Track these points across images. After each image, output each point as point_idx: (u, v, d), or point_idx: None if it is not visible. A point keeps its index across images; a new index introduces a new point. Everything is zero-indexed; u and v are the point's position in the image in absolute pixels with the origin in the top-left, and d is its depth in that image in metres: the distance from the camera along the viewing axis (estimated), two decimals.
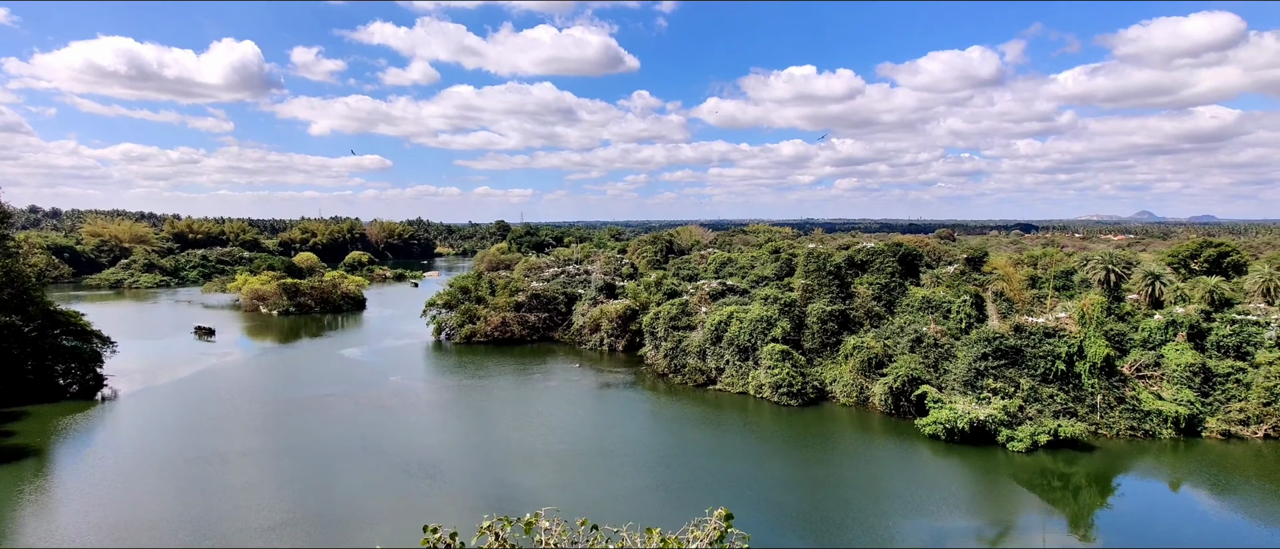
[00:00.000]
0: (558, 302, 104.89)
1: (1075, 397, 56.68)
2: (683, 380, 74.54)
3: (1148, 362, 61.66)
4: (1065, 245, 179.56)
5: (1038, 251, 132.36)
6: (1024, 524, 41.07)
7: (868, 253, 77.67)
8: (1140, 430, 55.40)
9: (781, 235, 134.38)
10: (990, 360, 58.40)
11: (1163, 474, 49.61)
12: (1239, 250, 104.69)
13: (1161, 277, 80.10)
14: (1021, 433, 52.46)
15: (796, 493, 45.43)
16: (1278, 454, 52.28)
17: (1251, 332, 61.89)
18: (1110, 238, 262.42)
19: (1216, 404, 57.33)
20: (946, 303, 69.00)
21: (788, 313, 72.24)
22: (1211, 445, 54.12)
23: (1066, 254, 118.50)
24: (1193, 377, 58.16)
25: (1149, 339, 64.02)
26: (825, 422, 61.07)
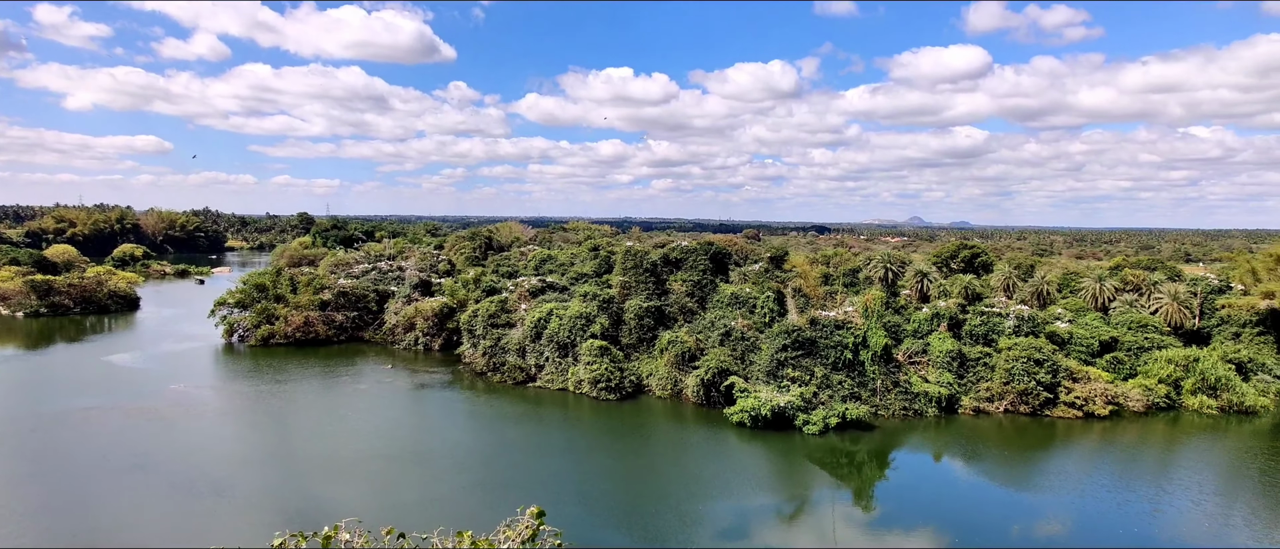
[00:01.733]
0: (369, 299, 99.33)
1: (860, 382, 63.09)
2: (502, 378, 73.62)
3: (917, 349, 69.97)
4: (853, 246, 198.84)
5: (830, 252, 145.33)
6: (817, 498, 45.09)
7: (682, 251, 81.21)
8: (911, 410, 62.82)
9: (601, 233, 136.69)
10: (790, 351, 63.41)
11: (928, 447, 56.61)
12: (987, 252, 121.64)
13: (928, 275, 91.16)
14: (815, 417, 57.54)
15: (614, 484, 46.60)
16: (1014, 425, 61.57)
17: (996, 322, 72.30)
18: (888, 240, 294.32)
19: (969, 385, 66.38)
20: (752, 299, 73.88)
21: (606, 309, 73.73)
22: (966, 420, 62.59)
23: (853, 254, 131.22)
24: (952, 361, 66.86)
25: (918, 329, 72.63)
26: (642, 414, 63.11)
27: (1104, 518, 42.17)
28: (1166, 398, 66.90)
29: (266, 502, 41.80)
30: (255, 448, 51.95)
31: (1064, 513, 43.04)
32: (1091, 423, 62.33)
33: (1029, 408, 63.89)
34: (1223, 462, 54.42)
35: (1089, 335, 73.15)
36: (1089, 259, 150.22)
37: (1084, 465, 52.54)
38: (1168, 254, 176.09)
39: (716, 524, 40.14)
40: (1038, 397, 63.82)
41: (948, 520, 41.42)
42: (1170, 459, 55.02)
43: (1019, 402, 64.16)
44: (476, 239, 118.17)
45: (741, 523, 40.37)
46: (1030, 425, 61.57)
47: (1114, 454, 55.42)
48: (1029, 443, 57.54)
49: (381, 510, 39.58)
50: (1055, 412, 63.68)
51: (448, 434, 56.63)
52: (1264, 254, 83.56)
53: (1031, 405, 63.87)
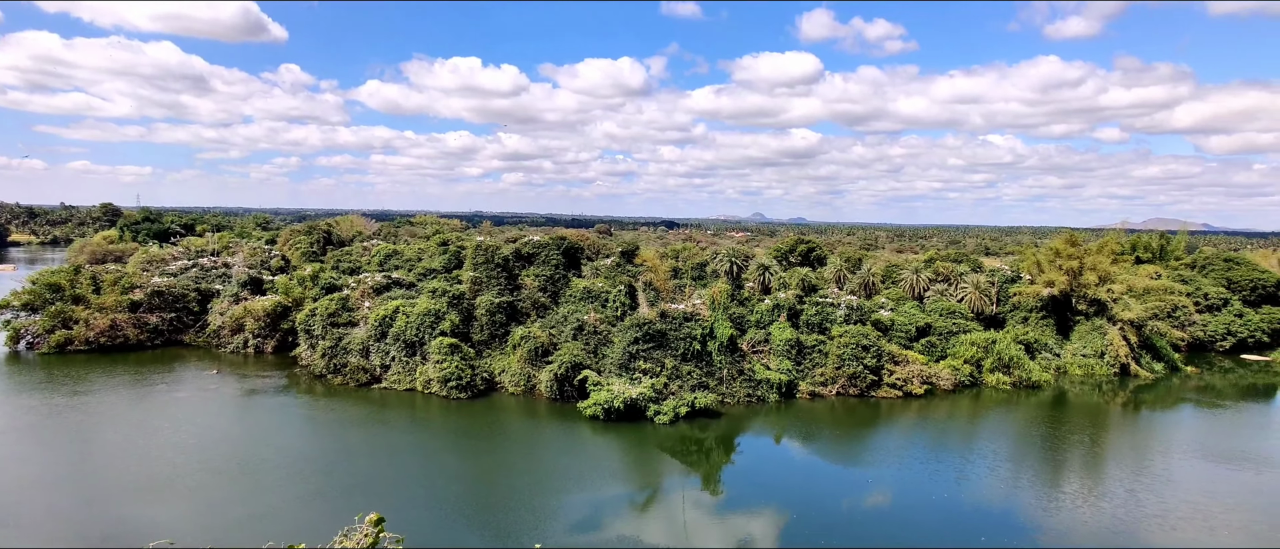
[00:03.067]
0: (189, 299, 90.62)
1: (707, 372, 65.71)
2: (344, 380, 69.80)
3: (760, 339, 73.87)
4: (700, 241, 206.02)
5: (679, 246, 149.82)
6: (668, 486, 46.55)
7: (534, 246, 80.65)
8: (755, 396, 66.30)
9: (450, 227, 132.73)
10: (641, 344, 64.86)
11: (769, 431, 60.02)
12: (822, 247, 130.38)
13: (770, 268, 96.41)
14: (666, 407, 59.30)
15: (465, 484, 45.64)
16: (845, 406, 66.65)
17: (829, 311, 77.79)
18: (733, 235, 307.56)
19: (806, 371, 71.03)
20: (605, 293, 74.78)
21: (457, 306, 71.85)
22: (803, 404, 66.95)
23: (701, 249, 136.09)
24: (791, 349, 71.21)
25: (761, 320, 76.68)
26: (494, 412, 62.18)
27: (918, 486, 46.71)
28: (970, 376, 75.04)
29: (61, 528, 37.14)
30: (48, 469, 45.93)
31: (886, 484, 47.23)
32: (909, 401, 68.71)
33: (857, 390, 69.41)
34: (1014, 431, 61.89)
35: (908, 322, 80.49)
36: (907, 253, 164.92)
37: (902, 440, 57.86)
38: (971, 248, 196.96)
39: (569, 517, 40.42)
40: (865, 379, 69.46)
41: (787, 498, 44.21)
42: (973, 431, 61.82)
43: (849, 385, 69.52)
44: (314, 233, 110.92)
45: (595, 514, 40.91)
46: (858, 406, 66.89)
47: (927, 429, 61.44)
48: (857, 422, 62.50)
49: (202, 529, 36.39)
50: (879, 392, 69.60)
51: (282, 442, 52.91)
52: (1046, 248, 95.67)
53: (860, 387, 69.43)
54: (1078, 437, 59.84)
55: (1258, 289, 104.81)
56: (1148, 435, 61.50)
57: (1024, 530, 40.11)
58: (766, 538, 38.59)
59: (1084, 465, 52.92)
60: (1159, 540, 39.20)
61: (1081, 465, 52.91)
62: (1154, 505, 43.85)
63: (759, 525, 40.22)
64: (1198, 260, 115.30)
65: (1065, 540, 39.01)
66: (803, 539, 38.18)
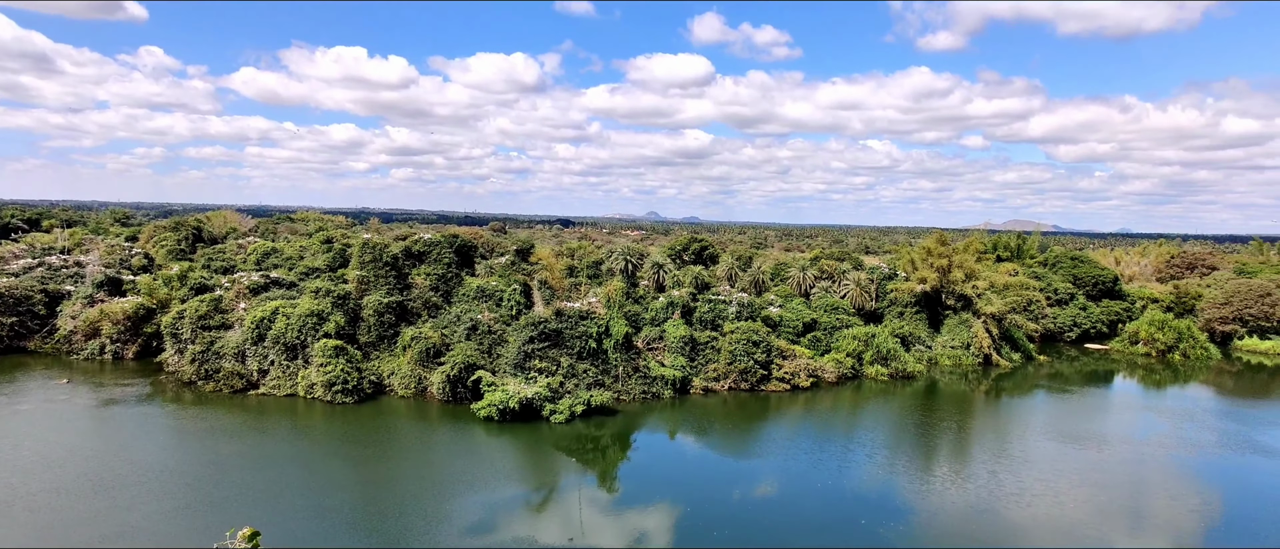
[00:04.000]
0: (34, 302, 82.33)
1: (603, 370, 66.03)
2: (217, 387, 65.45)
3: (655, 336, 74.92)
4: (596, 239, 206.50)
5: (575, 244, 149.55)
6: (564, 485, 46.47)
7: (425, 244, 78.39)
8: (650, 393, 67.21)
9: (335, 224, 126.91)
10: (537, 343, 64.38)
11: (664, 427, 61.02)
12: (714, 246, 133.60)
13: (664, 266, 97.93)
14: (562, 406, 59.15)
15: (352, 492, 43.84)
16: (736, 401, 68.68)
17: (721, 308, 79.87)
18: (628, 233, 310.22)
19: (699, 366, 72.66)
20: (499, 291, 73.68)
21: (342, 306, 68.85)
22: (696, 399, 68.47)
23: (596, 247, 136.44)
24: (685, 346, 72.64)
25: (655, 317, 77.77)
26: (383, 416, 60.04)
27: (803, 476, 48.82)
28: (852, 369, 79.06)
29: None
30: None
31: (774, 474, 49.08)
32: (797, 394, 71.64)
33: (748, 385, 71.67)
34: (890, 419, 65.74)
35: (795, 318, 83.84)
36: (795, 251, 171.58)
37: (790, 432, 60.27)
38: (853, 247, 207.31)
39: (463, 520, 39.64)
40: (755, 374, 71.81)
41: (681, 493, 45.13)
42: (854, 421, 65.20)
43: (740, 380, 71.67)
44: (182, 230, 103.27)
45: (489, 516, 40.31)
46: (749, 400, 69.10)
47: (813, 420, 64.28)
48: (748, 416, 64.56)
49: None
50: (769, 386, 72.16)
51: (143, 456, 49.01)
52: (919, 247, 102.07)
53: (750, 382, 71.71)
54: (947, 423, 64.26)
55: (1098, 285, 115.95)
56: (1007, 420, 66.84)
57: (899, 512, 42.71)
58: (661, 532, 39.26)
59: (952, 449, 56.91)
60: (1016, 515, 42.73)
61: (950, 449, 56.88)
62: (1012, 484, 47.74)
63: (654, 520, 40.85)
64: (1048, 259, 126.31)
65: (935, 519, 41.84)
66: (696, 531, 39.11)
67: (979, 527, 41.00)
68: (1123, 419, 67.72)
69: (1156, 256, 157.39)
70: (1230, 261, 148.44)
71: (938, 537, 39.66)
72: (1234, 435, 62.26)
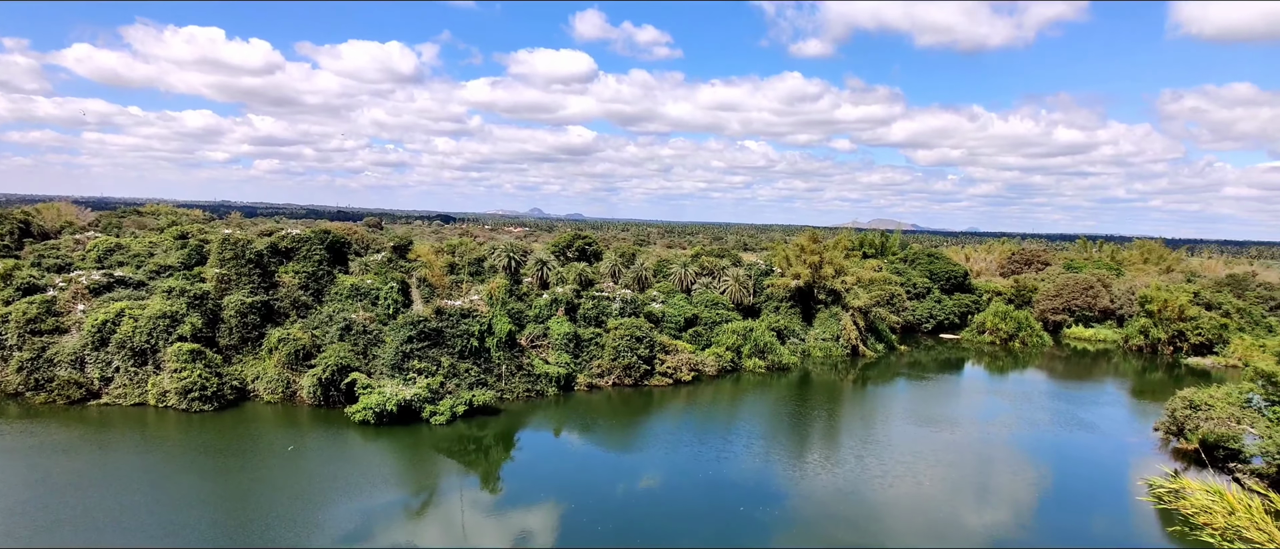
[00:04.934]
0: None
1: (486, 369, 64.94)
2: (50, 398, 59.15)
3: (538, 333, 74.44)
4: (478, 236, 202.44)
5: (455, 241, 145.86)
6: (445, 487, 45.39)
7: (294, 240, 74.10)
8: (534, 391, 66.75)
9: (190, 218, 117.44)
10: (416, 343, 62.42)
11: (549, 425, 60.81)
12: (598, 242, 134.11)
13: (548, 263, 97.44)
14: (443, 407, 57.69)
15: (211, 507, 40.91)
16: (620, 396, 69.44)
17: (605, 305, 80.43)
18: (511, 230, 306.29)
19: (584, 363, 72.89)
20: (375, 290, 70.83)
21: (199, 307, 63.98)
22: (581, 396, 68.65)
23: (479, 244, 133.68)
24: (569, 343, 72.62)
25: (539, 315, 77.28)
26: (247, 423, 56.34)
27: (685, 467, 50.13)
28: (732, 362, 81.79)
29: None
30: None
31: (657, 467, 50.08)
32: (679, 388, 73.31)
33: (632, 380, 72.62)
34: (767, 410, 68.59)
35: (677, 313, 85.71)
36: (676, 248, 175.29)
37: (672, 426, 61.64)
38: (732, 244, 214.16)
39: (336, 528, 37.93)
40: (639, 369, 72.87)
41: (566, 490, 45.19)
42: (733, 413, 67.53)
43: (624, 375, 72.50)
44: (6, 223, 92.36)
45: (365, 523, 38.79)
46: (633, 395, 70.05)
47: (694, 413, 66.03)
48: (632, 411, 65.44)
49: None
50: (652, 381, 73.43)
51: None
52: (793, 244, 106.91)
53: (634, 377, 72.69)
54: (818, 412, 67.81)
55: (951, 279, 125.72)
56: (872, 407, 71.36)
57: (775, 497, 44.73)
58: (545, 530, 39.19)
59: (823, 436, 60.14)
60: (880, 495, 45.77)
61: (821, 436, 60.08)
62: (876, 467, 51.05)
63: (538, 519, 40.71)
64: (908, 255, 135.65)
65: (808, 502, 44.13)
66: (580, 528, 39.32)
67: (847, 507, 43.62)
68: (972, 402, 73.90)
69: (1000, 253, 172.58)
70: (1060, 258, 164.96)
71: (810, 518, 41.87)
72: (1063, 414, 69.40)
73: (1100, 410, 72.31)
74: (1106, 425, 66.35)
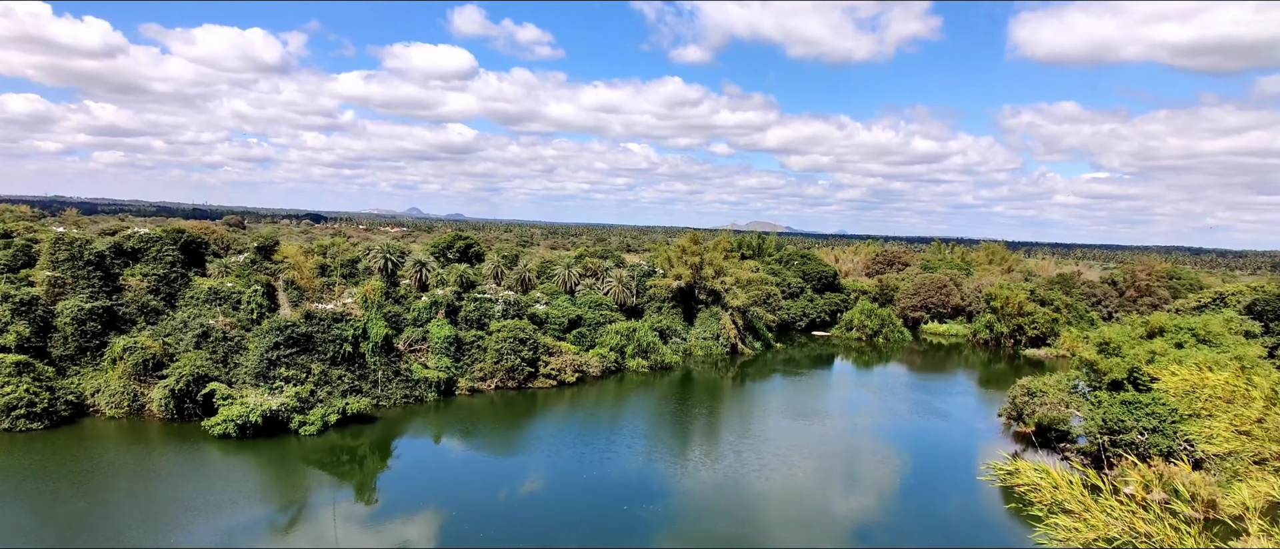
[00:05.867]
0: None
1: (361, 375, 62.23)
2: None
3: (417, 337, 72.15)
4: (352, 236, 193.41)
5: (327, 241, 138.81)
6: (316, 501, 43.16)
7: (142, 240, 68.03)
8: (412, 397, 64.62)
9: (15, 215, 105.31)
10: (282, 349, 58.91)
11: (428, 431, 59.09)
12: (480, 243, 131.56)
13: (427, 264, 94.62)
14: (313, 416, 54.78)
15: (37, 537, 36.93)
16: (503, 400, 68.48)
17: (487, 306, 79.05)
18: (388, 230, 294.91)
19: (465, 367, 71.31)
20: (237, 293, 66.27)
21: (26, 314, 57.52)
22: (463, 400, 67.14)
23: (352, 244, 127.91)
24: (449, 346, 70.84)
25: (418, 318, 74.90)
26: (86, 442, 51.19)
27: (569, 469, 50.17)
28: (616, 362, 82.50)
29: None
30: None
31: (541, 470, 49.82)
32: (563, 390, 73.16)
33: (515, 383, 71.77)
34: (650, 409, 69.72)
35: (561, 315, 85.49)
36: (560, 249, 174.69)
37: (556, 427, 61.47)
38: (616, 245, 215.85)
39: (198, 544, 35.24)
40: (523, 372, 72.11)
41: (446, 497, 44.09)
42: (617, 413, 68.17)
43: (507, 378, 71.53)
44: None
45: (225, 543, 36.24)
46: (517, 398, 69.25)
47: (579, 414, 66.13)
48: (515, 414, 64.71)
49: None
50: (536, 383, 72.87)
51: None
52: (675, 246, 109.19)
53: (518, 380, 71.87)
54: (699, 409, 69.65)
55: (822, 279, 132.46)
56: (750, 402, 74.08)
57: (658, 494, 45.59)
58: (424, 539, 38.11)
59: (704, 433, 61.84)
60: (757, 486, 47.63)
61: (702, 433, 61.75)
62: (754, 461, 53.08)
63: (416, 528, 39.51)
64: (783, 257, 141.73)
65: (690, 497, 45.29)
66: (461, 534, 38.51)
67: (726, 501, 45.11)
68: (841, 396, 78.25)
69: (866, 255, 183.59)
70: (918, 259, 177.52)
71: (691, 513, 42.99)
72: (921, 404, 74.80)
73: (953, 400, 78.48)
74: (958, 413, 72.12)
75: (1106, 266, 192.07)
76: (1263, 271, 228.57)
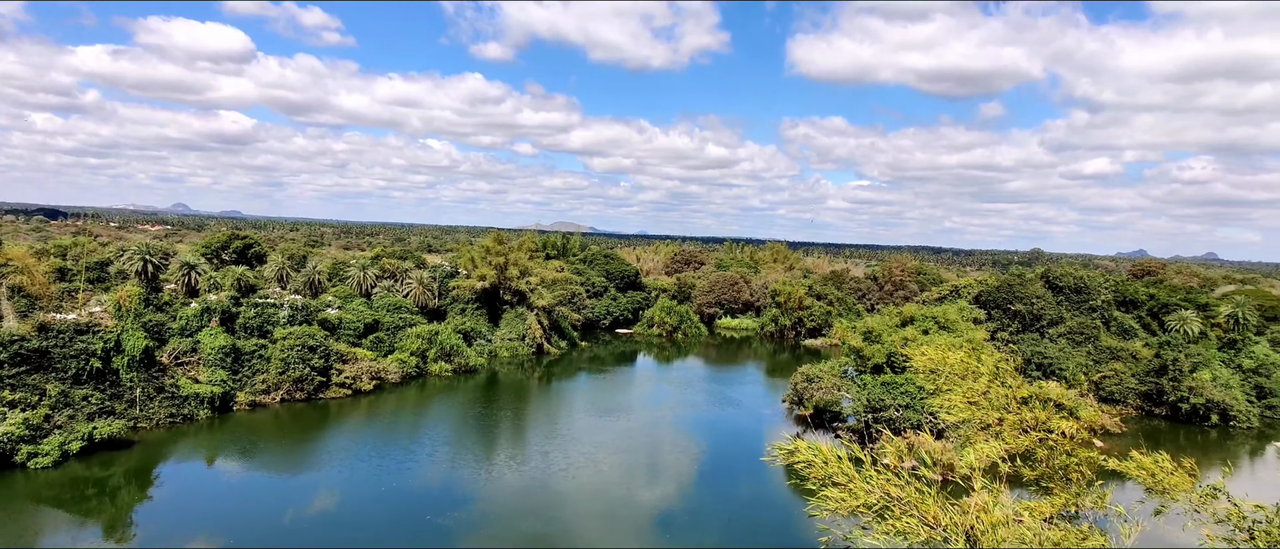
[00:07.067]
0: None
1: (114, 394, 54.34)
2: None
3: (186, 348, 64.37)
4: (100, 235, 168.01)
5: (68, 241, 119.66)
6: (51, 544, 37.08)
7: None
8: (180, 415, 57.54)
9: None
10: (7, 369, 49.88)
11: (201, 453, 52.95)
12: (261, 243, 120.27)
13: (197, 267, 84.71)
14: (49, 445, 46.96)
15: None
16: (290, 413, 63.12)
17: (271, 312, 72.42)
18: (148, 228, 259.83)
19: (245, 379, 64.79)
20: None
21: None
22: (242, 416, 60.94)
23: (102, 244, 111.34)
24: (226, 357, 63.99)
25: (186, 327, 66.88)
26: None
27: (365, 482, 47.45)
28: (417, 367, 79.18)
29: None
30: None
31: (334, 485, 46.61)
32: (360, 399, 68.92)
33: (305, 394, 66.42)
34: (454, 414, 67.82)
35: (356, 319, 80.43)
36: (355, 250, 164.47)
37: (351, 439, 57.83)
38: (416, 245, 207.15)
39: None
40: (313, 382, 66.91)
41: (222, 525, 39.80)
42: (418, 420, 65.53)
43: (295, 389, 66.01)
44: None
45: None
46: (306, 410, 64.13)
47: (376, 424, 62.70)
48: (305, 427, 59.92)
49: None
50: (329, 393, 67.96)
51: None
52: (479, 246, 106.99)
53: (307, 391, 66.56)
54: (505, 411, 68.89)
55: (625, 278, 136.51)
56: (557, 402, 74.54)
57: (462, 501, 44.49)
58: None
59: (510, 436, 61.29)
60: (564, 485, 48.08)
61: (509, 436, 61.16)
62: (561, 460, 53.52)
63: None
64: (587, 257, 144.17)
65: (496, 501, 44.70)
66: None
67: (533, 501, 45.08)
68: (643, 391, 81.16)
69: (665, 254, 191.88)
70: (713, 258, 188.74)
71: (497, 516, 42.45)
72: (716, 394, 79.68)
73: (744, 389, 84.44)
74: (749, 402, 77.73)
75: (869, 264, 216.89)
76: (986, 267, 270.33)
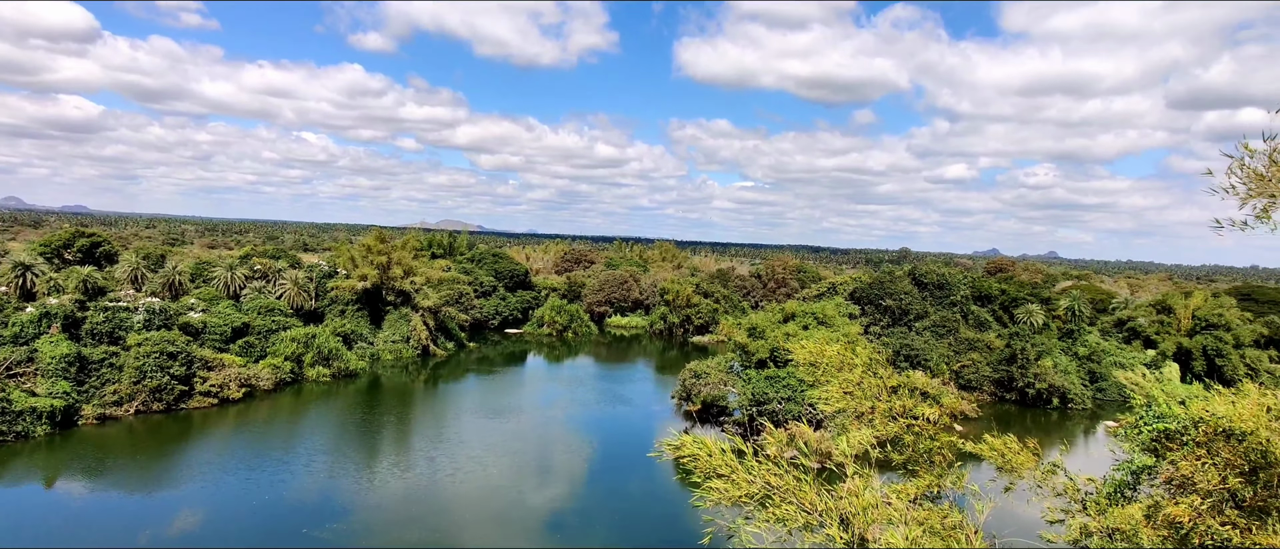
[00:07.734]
0: None
1: None
2: None
3: (21, 358, 58.04)
4: None
5: None
6: None
7: None
8: (13, 433, 51.78)
9: None
10: None
11: (35, 474, 47.82)
12: (112, 241, 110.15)
13: (34, 267, 76.61)
14: None
15: None
16: (147, 426, 58.14)
17: (123, 316, 66.45)
18: None
19: (92, 391, 59.11)
20: None
21: None
22: (88, 432, 55.55)
23: None
24: (69, 367, 58.16)
25: (21, 334, 60.33)
26: None
27: (234, 498, 44.44)
28: (292, 373, 74.89)
29: None
30: None
31: (198, 502, 43.35)
32: (227, 408, 64.41)
33: (164, 405, 61.37)
34: (333, 421, 64.67)
35: (222, 323, 75.12)
36: (221, 248, 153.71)
37: (218, 452, 53.97)
38: (290, 244, 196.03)
39: None
40: (173, 391, 61.92)
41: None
42: (294, 428, 62.03)
43: (152, 400, 60.86)
44: None
45: None
46: (165, 422, 59.28)
47: (247, 434, 58.82)
48: (163, 441, 55.39)
49: None
50: (191, 403, 63.12)
51: None
52: (360, 245, 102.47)
53: (166, 401, 61.52)
54: (389, 416, 66.36)
55: (514, 278, 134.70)
56: (444, 405, 72.54)
57: (342, 511, 42.48)
58: None
59: (394, 441, 59.09)
60: (451, 490, 46.88)
61: (392, 442, 58.95)
62: (447, 464, 52.14)
63: None
64: (475, 255, 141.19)
65: (378, 511, 42.96)
66: None
67: (419, 508, 43.67)
68: (534, 391, 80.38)
69: (555, 253, 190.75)
70: (603, 257, 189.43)
71: (380, 526, 40.82)
72: (607, 392, 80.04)
73: (634, 386, 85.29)
74: (639, 399, 78.58)
75: (753, 263, 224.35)
76: (860, 266, 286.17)
